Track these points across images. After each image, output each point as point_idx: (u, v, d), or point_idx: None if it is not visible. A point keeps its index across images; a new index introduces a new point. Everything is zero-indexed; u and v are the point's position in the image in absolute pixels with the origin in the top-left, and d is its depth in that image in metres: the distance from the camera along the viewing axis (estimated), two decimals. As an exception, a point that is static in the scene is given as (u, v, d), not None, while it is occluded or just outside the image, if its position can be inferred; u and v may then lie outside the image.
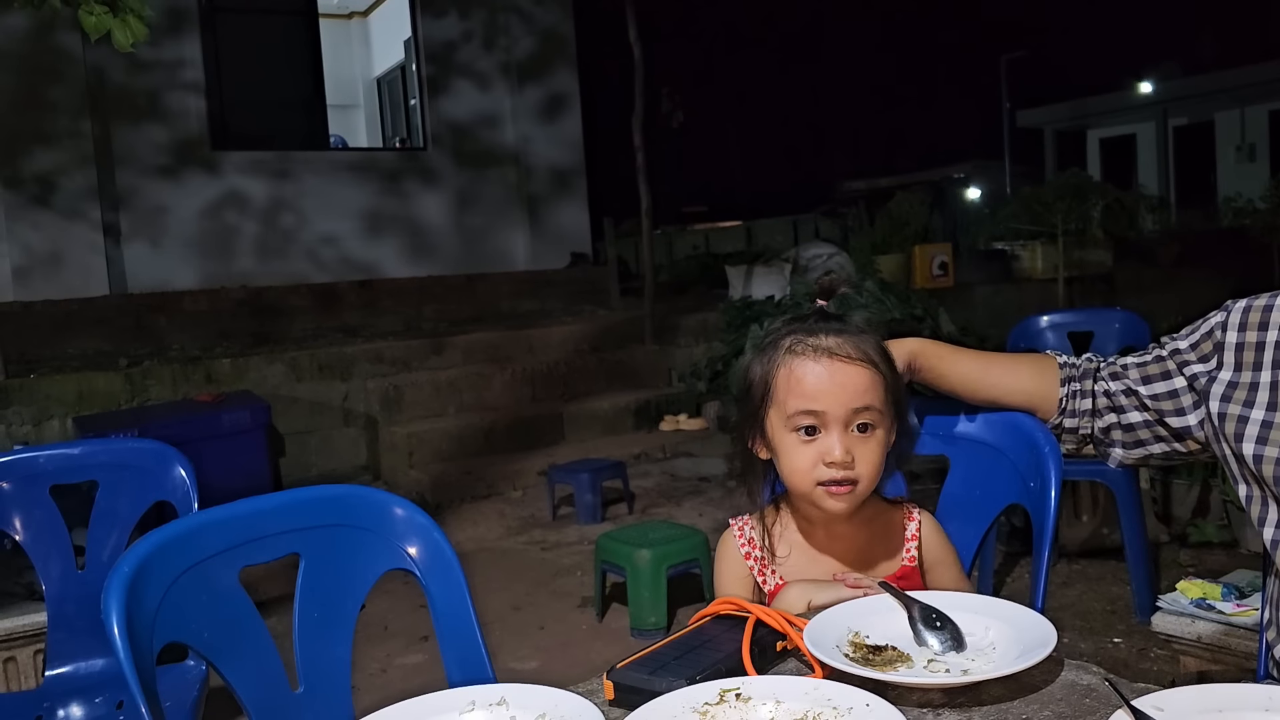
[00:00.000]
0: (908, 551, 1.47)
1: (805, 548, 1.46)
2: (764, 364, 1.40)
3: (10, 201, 7.21)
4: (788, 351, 1.38)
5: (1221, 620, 2.29)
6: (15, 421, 5.41)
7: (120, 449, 2.34)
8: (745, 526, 1.49)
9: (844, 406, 1.34)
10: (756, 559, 1.46)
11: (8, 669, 2.69)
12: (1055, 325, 3.88)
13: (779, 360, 1.38)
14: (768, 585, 1.45)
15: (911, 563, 1.46)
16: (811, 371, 1.36)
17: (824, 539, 1.46)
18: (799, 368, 1.36)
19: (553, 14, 9.39)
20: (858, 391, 1.35)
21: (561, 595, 4.08)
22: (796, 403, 1.36)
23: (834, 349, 1.36)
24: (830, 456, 1.34)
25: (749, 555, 1.46)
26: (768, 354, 1.40)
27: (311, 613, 1.46)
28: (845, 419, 1.35)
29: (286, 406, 6.00)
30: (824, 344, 1.37)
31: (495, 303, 8.42)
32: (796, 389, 1.36)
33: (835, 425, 1.34)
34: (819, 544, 1.46)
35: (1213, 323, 1.48)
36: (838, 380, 1.35)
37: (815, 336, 1.38)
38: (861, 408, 1.35)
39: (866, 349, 1.38)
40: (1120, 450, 1.57)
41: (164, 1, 6.72)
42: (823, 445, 1.35)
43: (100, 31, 3.40)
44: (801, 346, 1.37)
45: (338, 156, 9.01)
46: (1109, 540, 3.90)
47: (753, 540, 1.47)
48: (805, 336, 1.38)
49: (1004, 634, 1.15)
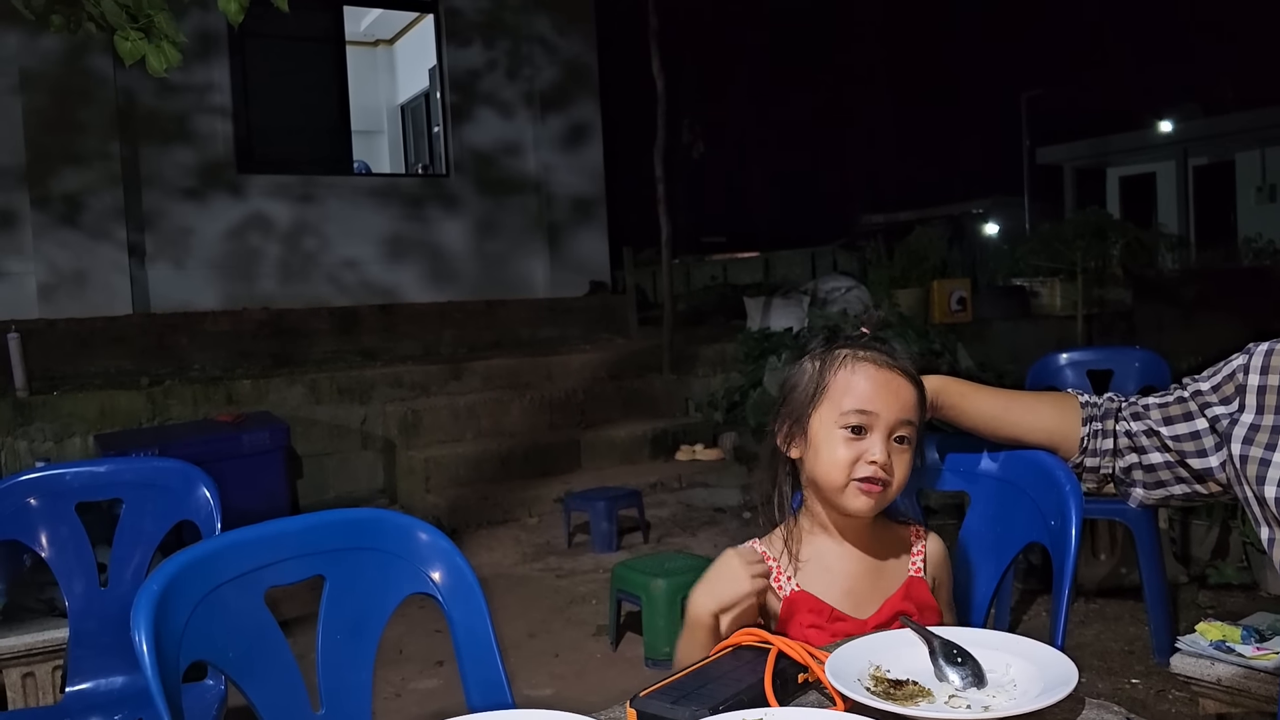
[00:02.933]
0: (914, 564, 1.53)
1: (824, 551, 1.52)
2: (819, 365, 1.49)
3: (38, 220, 7.30)
4: (849, 357, 1.48)
5: (1241, 663, 2.28)
6: (38, 438, 5.46)
7: (146, 468, 2.37)
8: (759, 543, 1.54)
9: (894, 414, 1.44)
10: (774, 565, 1.50)
11: (26, 685, 2.70)
12: (1075, 363, 3.87)
13: (839, 362, 1.48)
14: (784, 591, 1.48)
15: (918, 573, 1.52)
16: (871, 376, 1.46)
17: (839, 546, 1.52)
18: (860, 370, 1.47)
19: (576, 45, 9.48)
20: (907, 404, 1.46)
21: (576, 623, 4.07)
22: (853, 401, 1.44)
23: (892, 363, 1.47)
24: (872, 456, 1.43)
25: (768, 556, 1.50)
26: (822, 359, 1.49)
27: (334, 635, 1.48)
28: (891, 426, 1.44)
29: (305, 428, 6.03)
30: (882, 357, 1.47)
31: (514, 329, 8.45)
32: (855, 389, 1.45)
33: (881, 429, 1.44)
34: (835, 551, 1.52)
35: (1235, 365, 1.48)
36: (893, 388, 1.46)
37: (875, 350, 1.49)
38: (906, 420, 1.46)
39: (913, 371, 1.50)
40: (1141, 490, 1.57)
41: (194, 27, 6.83)
42: (867, 444, 1.44)
43: (135, 57, 3.45)
44: (863, 354, 1.48)
45: (361, 181, 9.09)
46: (1127, 580, 3.87)
47: (765, 553, 1.51)
48: (862, 346, 1.49)
49: (1025, 671, 1.15)
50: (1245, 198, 19.73)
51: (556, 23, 9.34)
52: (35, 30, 4.52)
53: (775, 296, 8.52)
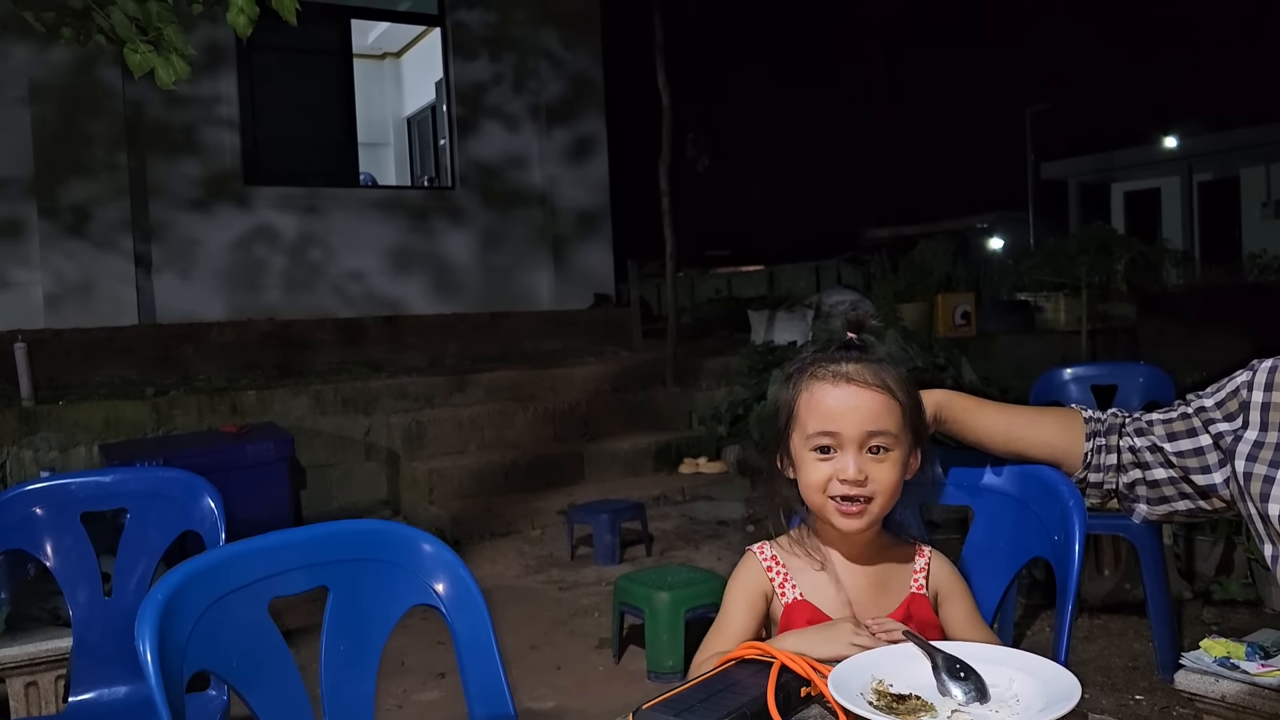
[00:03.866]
0: (916, 580, 1.53)
1: (825, 565, 1.51)
2: (789, 388, 1.50)
3: (45, 230, 7.33)
4: (810, 376, 1.48)
5: (1246, 680, 2.27)
6: (43, 447, 5.47)
7: (151, 478, 2.37)
8: (768, 546, 1.55)
9: (858, 428, 1.43)
10: (780, 571, 1.51)
11: (29, 694, 2.70)
12: (1079, 378, 3.87)
13: (802, 385, 1.48)
14: (786, 598, 1.49)
15: (920, 590, 1.52)
16: (830, 395, 1.45)
17: (842, 558, 1.52)
18: (819, 391, 1.46)
19: (582, 59, 9.52)
20: (871, 415, 1.43)
21: (579, 635, 4.07)
22: (815, 424, 1.45)
23: (852, 375, 1.45)
24: (844, 474, 1.43)
25: (770, 569, 1.51)
26: (793, 379, 1.50)
27: (338, 646, 1.48)
28: (860, 440, 1.43)
29: (309, 439, 6.04)
30: (844, 370, 1.46)
31: (519, 341, 8.46)
32: (816, 411, 1.45)
33: (850, 446, 1.43)
34: (837, 564, 1.52)
35: (1239, 382, 1.49)
36: (852, 404, 1.44)
37: (837, 364, 1.47)
38: (875, 431, 1.43)
39: (884, 377, 1.46)
40: (1145, 506, 1.57)
41: (202, 40, 6.86)
42: (838, 464, 1.43)
43: (144, 69, 3.48)
44: (823, 372, 1.47)
45: (367, 194, 9.12)
46: (1131, 595, 3.86)
47: (775, 557, 1.52)
48: (828, 364, 1.48)
49: (1028, 686, 1.15)
50: (1250, 213, 19.73)
51: (563, 37, 9.38)
52: (44, 42, 4.55)
53: (779, 310, 8.53)
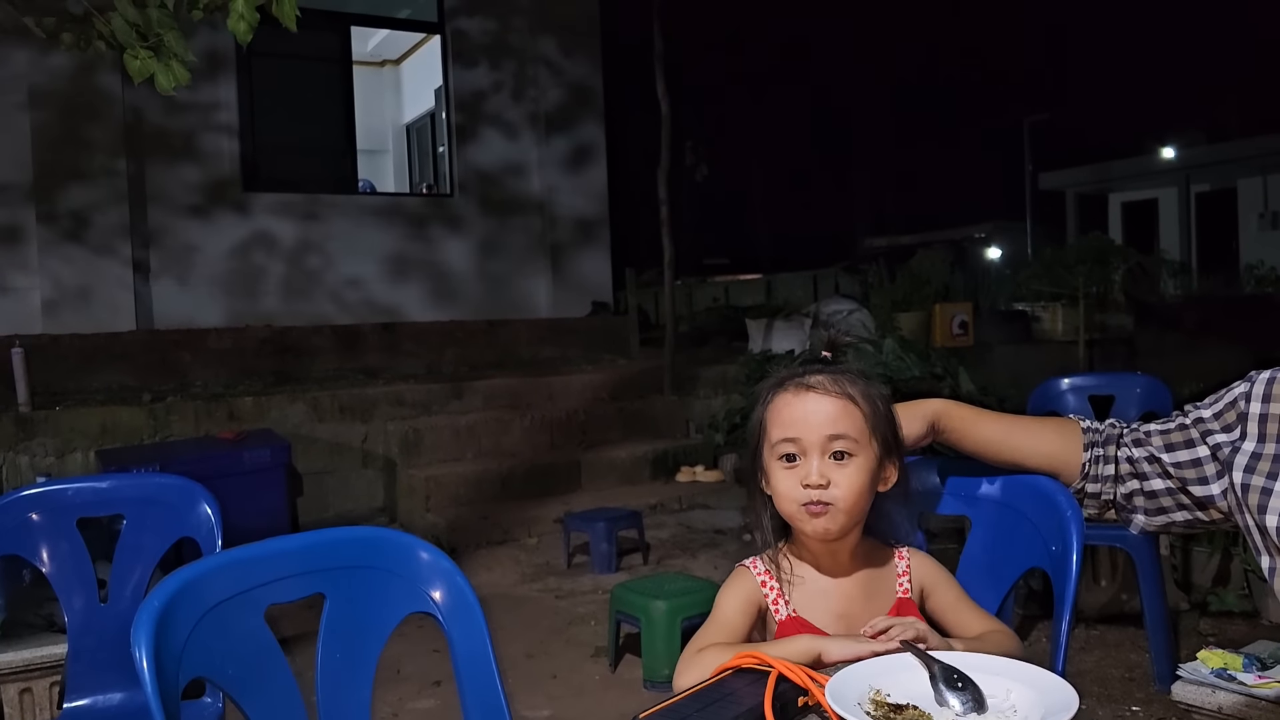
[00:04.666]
0: (901, 584, 1.54)
1: (814, 578, 1.53)
2: (760, 404, 1.53)
3: (44, 235, 7.32)
4: (776, 389, 1.52)
5: (1243, 691, 2.27)
6: (39, 453, 5.46)
7: (148, 484, 2.37)
8: (760, 561, 1.55)
9: (817, 433, 1.46)
10: (774, 587, 1.52)
11: (24, 700, 2.70)
12: (1076, 388, 3.88)
13: (769, 398, 1.52)
14: (781, 615, 1.50)
15: (905, 594, 1.53)
16: (789, 404, 1.49)
17: (827, 570, 1.53)
18: (780, 402, 1.50)
19: (582, 67, 9.54)
20: (829, 419, 1.46)
21: (575, 644, 4.06)
22: (778, 432, 1.49)
23: (813, 385, 1.49)
24: (807, 479, 1.45)
25: (765, 584, 1.52)
26: (763, 394, 1.54)
27: (334, 653, 1.48)
28: (821, 446, 1.46)
29: (306, 446, 6.03)
30: (806, 381, 1.50)
31: (516, 349, 8.46)
32: (778, 421, 1.49)
33: (812, 451, 1.46)
34: (824, 576, 1.53)
35: (1236, 393, 1.49)
36: (810, 409, 1.47)
37: (802, 377, 1.50)
38: (835, 435, 1.46)
39: (844, 384, 1.49)
40: (1143, 517, 1.57)
41: (202, 46, 6.87)
42: (802, 470, 1.46)
43: (144, 75, 3.48)
44: (789, 384, 1.50)
45: (365, 201, 9.12)
46: (1128, 606, 3.86)
47: (769, 572, 1.53)
48: (793, 378, 1.51)
49: (1025, 697, 1.15)
50: (1247, 225, 19.77)
51: (562, 45, 9.40)
52: (44, 47, 4.55)
53: (777, 319, 8.53)
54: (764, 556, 1.56)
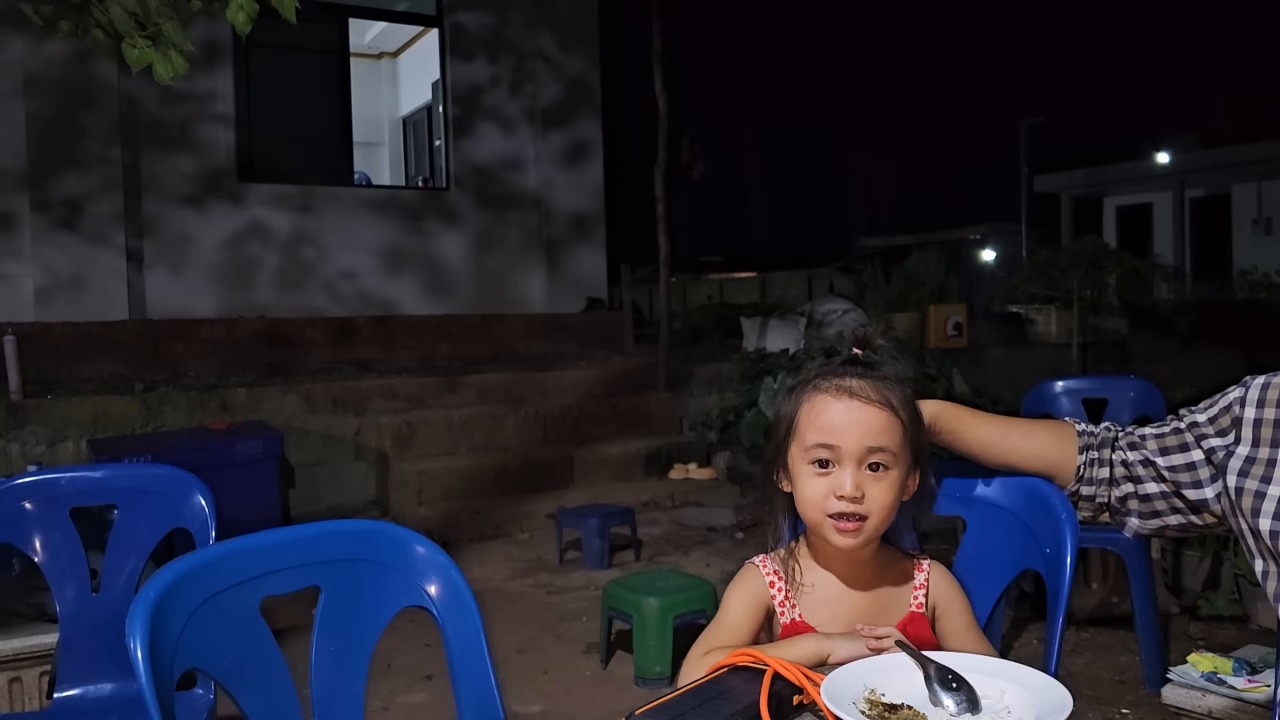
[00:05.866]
0: (915, 598, 1.50)
1: (826, 583, 1.50)
2: (792, 400, 1.48)
3: (37, 223, 7.30)
4: (813, 389, 1.46)
5: (1233, 695, 2.28)
6: (30, 442, 5.45)
7: (141, 474, 2.36)
8: (769, 560, 1.52)
9: (858, 444, 1.41)
10: (781, 589, 1.49)
11: (13, 689, 2.69)
12: (1070, 391, 3.89)
13: (805, 396, 1.46)
14: (785, 618, 1.47)
15: (919, 609, 1.50)
16: (831, 408, 1.43)
17: (841, 576, 1.49)
18: (820, 403, 1.44)
19: (579, 62, 9.53)
20: (872, 431, 1.41)
21: (566, 640, 4.06)
22: (814, 436, 1.43)
23: (855, 390, 1.43)
24: (841, 490, 1.40)
25: (773, 585, 1.49)
26: (797, 391, 1.48)
27: (329, 646, 1.48)
28: (859, 456, 1.41)
29: (299, 438, 6.02)
30: (847, 385, 1.44)
31: (510, 344, 8.45)
32: (815, 423, 1.43)
33: (849, 461, 1.41)
34: (836, 582, 1.49)
35: (1231, 398, 1.50)
36: (854, 418, 1.42)
37: (842, 378, 1.45)
38: (875, 447, 1.41)
39: (888, 394, 1.44)
40: (1137, 520, 1.58)
41: (200, 36, 6.85)
42: (835, 479, 1.41)
43: (142, 64, 3.47)
44: (827, 385, 1.45)
45: (361, 193, 9.10)
46: (1119, 609, 3.88)
47: (778, 573, 1.50)
48: (832, 378, 1.46)
49: (1019, 698, 1.15)
50: (1241, 230, 19.83)
51: (560, 40, 9.39)
52: (41, 34, 4.53)
53: (772, 317, 8.53)
54: (774, 555, 1.53)
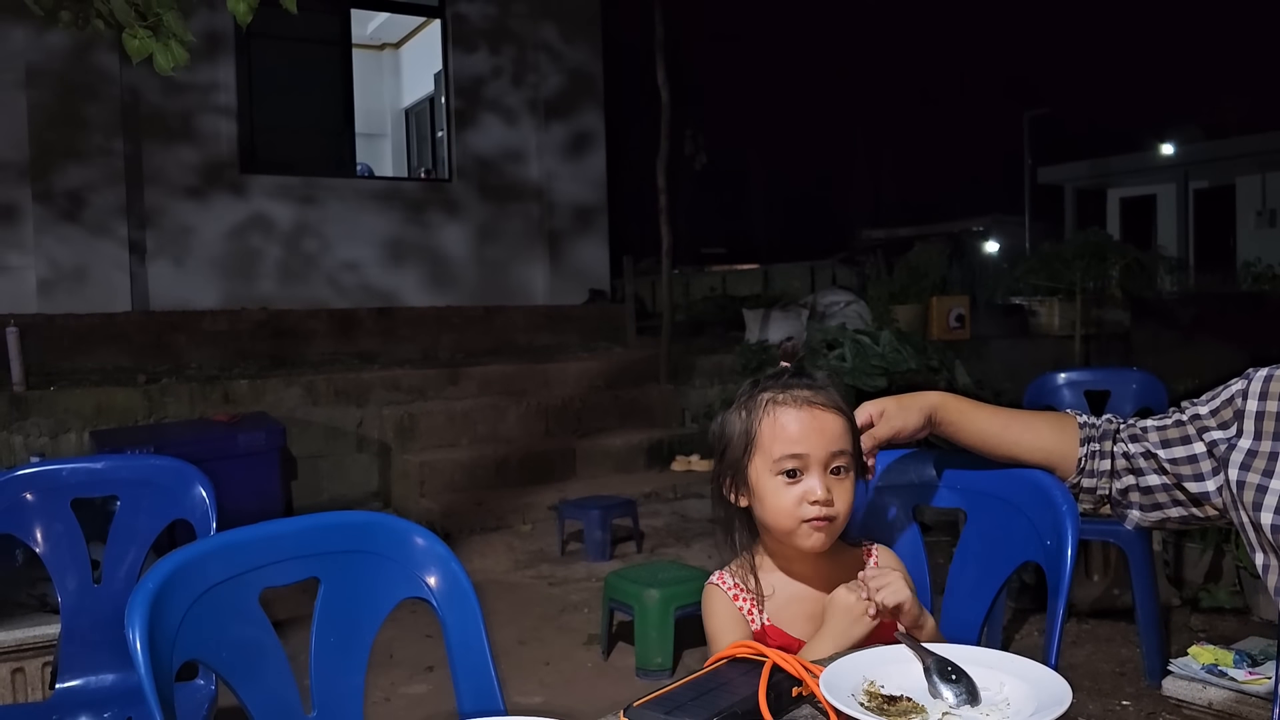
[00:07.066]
0: None
1: (786, 585, 1.54)
2: (745, 416, 1.51)
3: (40, 215, 7.30)
4: (770, 403, 1.49)
5: (1233, 687, 2.28)
6: (33, 433, 5.45)
7: (142, 466, 2.36)
8: (726, 575, 1.56)
9: (824, 450, 1.46)
10: (747, 598, 1.53)
11: (15, 680, 2.69)
12: (1072, 383, 3.87)
13: (761, 412, 1.49)
14: (755, 625, 1.51)
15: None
16: (795, 419, 1.47)
17: (801, 577, 1.54)
18: (783, 416, 1.47)
19: (582, 53, 9.51)
20: (835, 436, 1.47)
21: (567, 631, 4.07)
22: (781, 448, 1.46)
23: (811, 399, 1.48)
24: (813, 496, 1.44)
25: (737, 598, 1.53)
26: (747, 408, 1.51)
27: (328, 637, 1.47)
28: (825, 461, 1.46)
29: (301, 430, 6.03)
30: (803, 395, 1.48)
31: (512, 336, 8.46)
32: (781, 435, 1.46)
33: (816, 467, 1.46)
34: (796, 583, 1.54)
35: (1233, 390, 1.49)
36: (817, 426, 1.47)
37: (791, 390, 1.49)
38: (838, 451, 1.47)
39: (835, 398, 1.50)
40: (1138, 512, 1.57)
41: (201, 26, 6.84)
42: (805, 486, 1.45)
43: (143, 55, 3.46)
44: (783, 397, 1.49)
45: (363, 184, 9.10)
46: (1120, 601, 3.87)
47: (739, 584, 1.54)
48: (782, 390, 1.49)
49: (1019, 690, 1.15)
50: (1245, 222, 19.80)
51: (563, 31, 9.37)
52: (42, 25, 4.52)
53: (774, 309, 8.53)
54: (729, 570, 1.56)
